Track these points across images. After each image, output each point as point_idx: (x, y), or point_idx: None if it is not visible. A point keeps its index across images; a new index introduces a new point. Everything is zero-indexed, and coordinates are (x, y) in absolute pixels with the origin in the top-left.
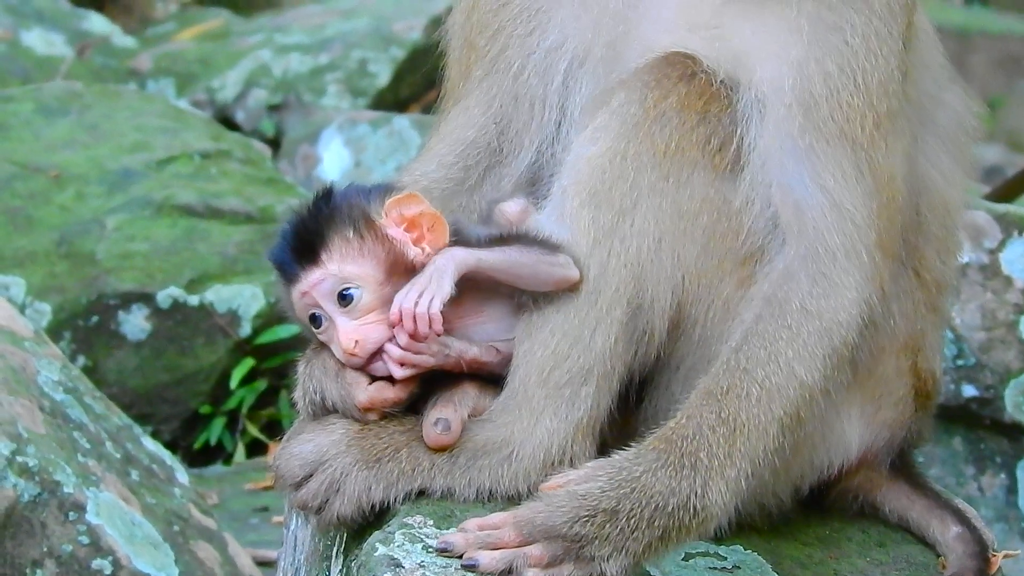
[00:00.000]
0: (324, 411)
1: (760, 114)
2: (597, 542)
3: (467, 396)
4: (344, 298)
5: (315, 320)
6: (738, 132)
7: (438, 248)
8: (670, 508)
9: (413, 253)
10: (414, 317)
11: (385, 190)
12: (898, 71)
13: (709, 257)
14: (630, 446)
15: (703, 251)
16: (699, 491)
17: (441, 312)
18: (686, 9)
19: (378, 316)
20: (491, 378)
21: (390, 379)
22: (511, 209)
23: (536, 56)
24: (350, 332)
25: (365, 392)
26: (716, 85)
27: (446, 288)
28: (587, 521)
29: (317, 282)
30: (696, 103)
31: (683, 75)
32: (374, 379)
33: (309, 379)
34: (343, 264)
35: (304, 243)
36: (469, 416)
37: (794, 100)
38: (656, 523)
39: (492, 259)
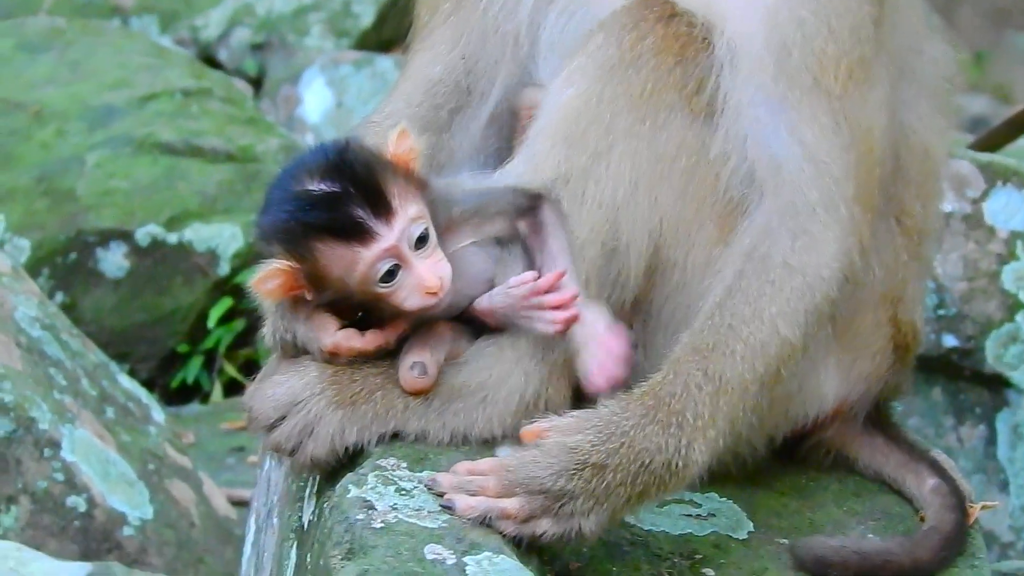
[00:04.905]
0: (295, 349)
1: (733, 62)
2: (581, 498)
3: (443, 339)
4: (422, 240)
5: (391, 274)
6: (712, 78)
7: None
8: (654, 465)
9: None
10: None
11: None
12: (869, 17)
13: (688, 201)
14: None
15: (681, 195)
16: (683, 450)
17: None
18: None
19: (439, 251)
20: (466, 321)
21: (361, 328)
22: (531, 96)
23: None
24: (434, 271)
25: (331, 337)
26: (694, 27)
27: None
28: (574, 475)
29: (402, 230)
30: (673, 45)
31: (661, 16)
32: (343, 325)
33: (280, 318)
34: (410, 206)
35: (372, 197)
36: (445, 359)
37: (767, 48)
38: (639, 480)
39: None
